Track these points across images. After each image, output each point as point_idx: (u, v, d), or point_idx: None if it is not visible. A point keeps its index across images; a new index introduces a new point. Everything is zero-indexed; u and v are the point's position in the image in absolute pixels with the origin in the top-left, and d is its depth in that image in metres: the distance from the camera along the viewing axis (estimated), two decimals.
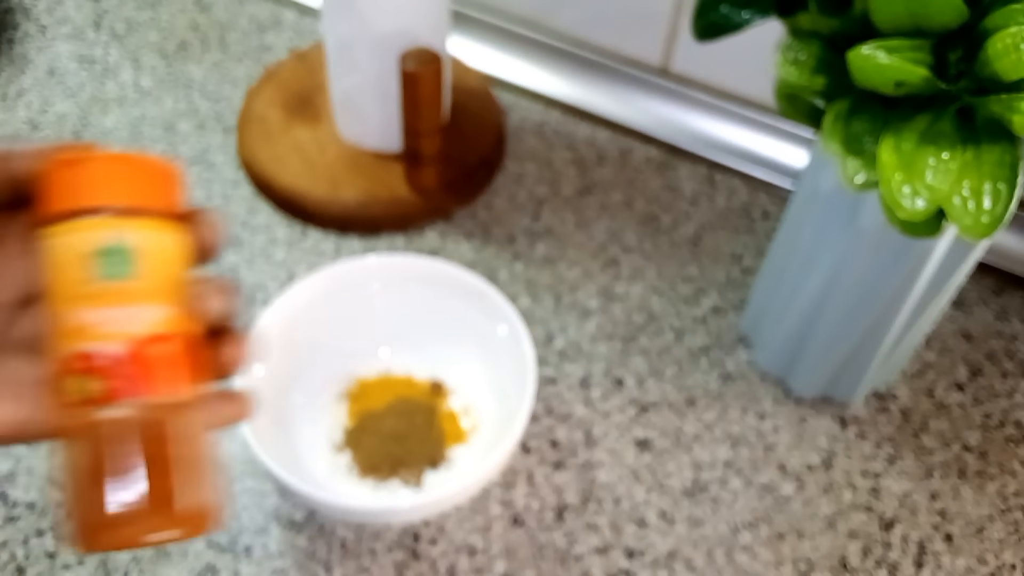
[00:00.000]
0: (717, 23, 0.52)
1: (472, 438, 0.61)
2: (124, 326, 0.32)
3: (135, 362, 0.32)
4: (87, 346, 0.32)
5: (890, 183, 0.43)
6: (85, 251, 0.32)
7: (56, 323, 0.32)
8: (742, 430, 0.64)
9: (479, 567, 0.57)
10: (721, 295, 0.71)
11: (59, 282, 0.32)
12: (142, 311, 0.32)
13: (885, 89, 0.43)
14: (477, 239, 0.73)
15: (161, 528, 0.32)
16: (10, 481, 0.58)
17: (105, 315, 0.32)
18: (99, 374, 0.32)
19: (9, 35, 0.85)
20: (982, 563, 0.59)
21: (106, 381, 0.32)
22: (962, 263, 0.53)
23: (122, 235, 0.32)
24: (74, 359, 0.32)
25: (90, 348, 0.32)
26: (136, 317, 0.32)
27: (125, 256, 0.32)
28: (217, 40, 0.86)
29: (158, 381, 0.33)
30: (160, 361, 0.33)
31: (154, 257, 0.33)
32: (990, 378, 0.67)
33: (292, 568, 0.56)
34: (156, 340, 0.33)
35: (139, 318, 0.32)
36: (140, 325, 0.32)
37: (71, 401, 0.32)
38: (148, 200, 0.33)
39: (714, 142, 0.81)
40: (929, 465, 0.63)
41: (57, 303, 0.32)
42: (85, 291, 0.32)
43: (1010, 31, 0.39)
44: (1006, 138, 0.43)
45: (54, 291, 0.32)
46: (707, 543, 0.58)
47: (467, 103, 0.79)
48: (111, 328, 0.32)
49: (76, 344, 0.32)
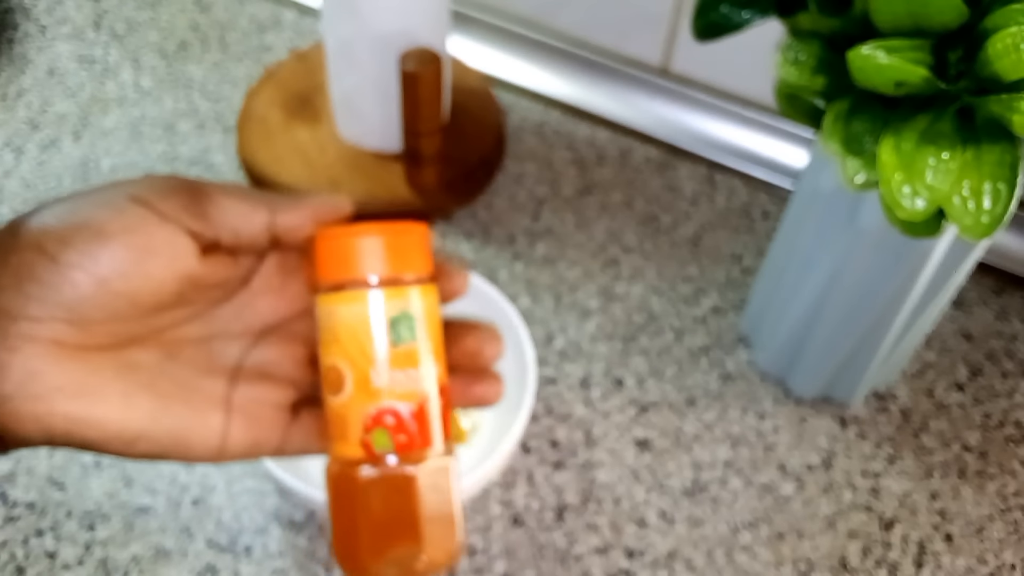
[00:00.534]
0: (717, 23, 0.52)
1: (472, 438, 0.61)
2: (415, 386, 0.36)
3: (423, 418, 0.36)
4: (386, 404, 0.36)
5: (890, 183, 0.44)
6: (387, 316, 0.35)
7: (352, 381, 0.36)
8: (742, 430, 0.64)
9: (479, 567, 0.57)
10: (721, 295, 0.71)
11: (355, 343, 0.36)
12: (427, 371, 0.36)
13: (885, 89, 0.43)
14: (477, 239, 0.73)
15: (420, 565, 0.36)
16: (10, 481, 0.59)
17: (399, 376, 0.36)
18: (398, 430, 0.36)
19: (9, 35, 0.85)
20: (982, 563, 0.59)
21: (403, 436, 0.36)
22: (962, 263, 0.53)
23: (409, 303, 0.36)
24: (376, 417, 0.35)
25: (389, 406, 0.36)
26: (423, 376, 0.36)
27: (415, 323, 0.36)
28: (217, 40, 0.87)
29: (439, 432, 0.37)
30: (441, 413, 0.37)
31: (429, 319, 0.37)
32: (990, 378, 0.68)
33: (292, 568, 0.56)
34: (439, 394, 0.37)
35: (425, 377, 0.36)
36: (427, 383, 0.36)
37: (373, 455, 0.36)
38: (421, 268, 0.37)
39: (714, 142, 0.81)
40: (929, 465, 0.63)
41: (353, 362, 0.36)
42: (383, 354, 0.35)
43: (1010, 31, 0.39)
44: (1006, 138, 0.43)
45: (348, 351, 0.36)
46: (707, 543, 0.59)
47: (467, 103, 0.79)
48: (405, 388, 0.36)
49: (376, 403, 0.35)
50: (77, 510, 0.58)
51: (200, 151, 0.78)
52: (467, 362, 0.39)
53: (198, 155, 0.77)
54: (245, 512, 0.58)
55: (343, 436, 0.36)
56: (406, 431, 0.36)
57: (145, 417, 0.34)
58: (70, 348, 0.33)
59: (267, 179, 0.73)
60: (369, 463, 0.36)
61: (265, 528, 0.58)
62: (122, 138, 0.78)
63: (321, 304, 0.37)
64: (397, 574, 0.37)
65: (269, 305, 0.39)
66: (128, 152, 0.77)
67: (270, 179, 0.73)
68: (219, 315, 0.38)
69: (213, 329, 0.38)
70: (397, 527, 0.36)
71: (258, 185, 0.74)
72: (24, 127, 0.78)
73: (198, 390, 0.36)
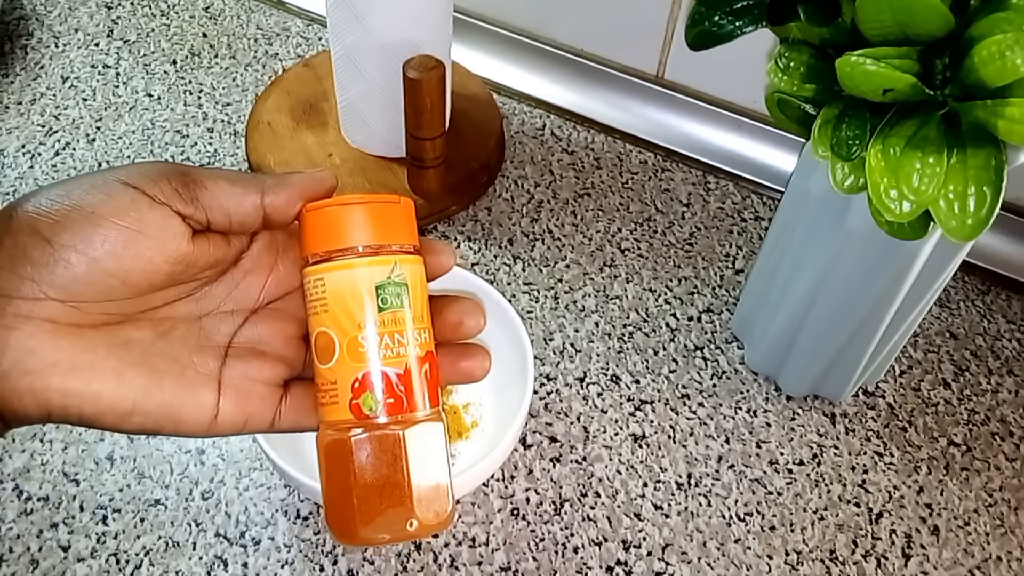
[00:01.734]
0: (710, 32, 0.53)
1: (473, 433, 0.62)
2: (400, 350, 0.37)
3: (409, 382, 0.37)
4: (374, 367, 0.36)
5: (878, 187, 0.44)
6: (372, 283, 0.36)
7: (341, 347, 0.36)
8: (735, 426, 0.65)
9: (480, 558, 0.57)
10: (714, 295, 0.72)
11: (344, 309, 0.36)
12: (411, 337, 0.37)
13: (873, 96, 0.44)
14: (478, 241, 0.74)
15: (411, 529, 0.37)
16: (25, 476, 0.59)
17: (386, 340, 0.36)
18: (387, 393, 0.36)
19: (23, 42, 0.86)
20: (968, 555, 0.59)
21: (390, 398, 0.36)
22: (948, 264, 0.54)
23: (400, 270, 0.37)
24: (363, 381, 0.36)
25: (377, 369, 0.36)
26: (409, 341, 0.37)
27: (402, 289, 0.37)
28: (226, 48, 0.87)
29: (430, 393, 0.37)
30: (427, 377, 0.37)
31: (414, 288, 0.37)
32: (975, 375, 0.68)
33: (299, 560, 0.57)
34: (424, 360, 0.37)
35: (412, 342, 0.37)
36: (413, 348, 0.37)
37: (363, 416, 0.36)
38: (409, 238, 0.38)
39: (707, 147, 0.82)
40: (916, 460, 0.64)
41: (341, 328, 0.36)
42: (371, 319, 0.36)
43: (995, 39, 0.40)
44: (991, 143, 0.44)
45: (337, 318, 0.37)
46: (701, 535, 0.59)
47: (469, 109, 0.80)
48: (393, 352, 0.36)
49: (364, 366, 0.36)
50: (90, 504, 0.58)
51: (209, 155, 0.78)
52: (450, 335, 0.39)
53: (207, 160, 0.78)
54: (253, 505, 0.59)
55: (334, 401, 0.37)
56: (393, 394, 0.36)
57: (138, 392, 0.35)
58: (64, 326, 0.33)
59: None
60: (359, 425, 0.36)
61: (273, 521, 0.58)
62: (133, 142, 0.79)
63: (309, 276, 0.37)
64: (389, 539, 0.37)
65: (259, 284, 0.40)
66: (140, 156, 0.78)
67: None
68: (210, 294, 0.39)
69: (204, 308, 0.39)
70: (387, 489, 0.36)
71: None
72: (38, 132, 0.79)
73: (190, 367, 0.37)
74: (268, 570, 0.56)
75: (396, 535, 0.36)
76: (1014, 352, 0.70)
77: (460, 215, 0.76)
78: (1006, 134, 0.42)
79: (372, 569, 0.56)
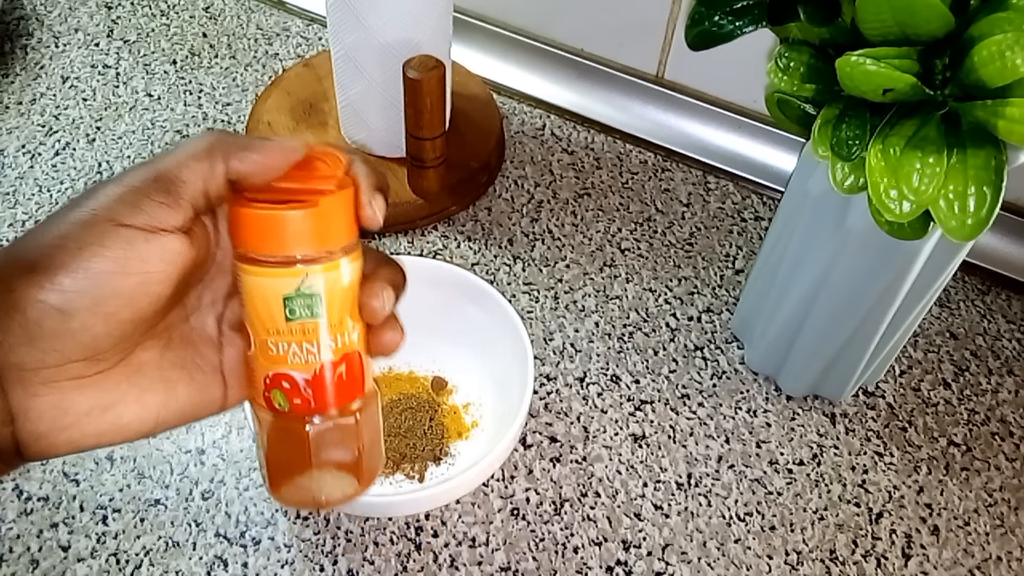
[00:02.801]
0: (710, 33, 0.53)
1: (473, 434, 0.62)
2: (310, 358, 0.37)
3: (319, 386, 0.37)
4: (282, 370, 0.37)
5: (878, 187, 0.44)
6: (279, 294, 0.36)
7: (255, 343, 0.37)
8: (735, 426, 0.65)
9: (480, 558, 0.57)
10: (714, 295, 0.72)
11: (256, 312, 0.36)
12: (325, 344, 0.37)
13: (873, 96, 0.44)
14: (478, 240, 0.74)
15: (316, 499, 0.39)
16: (25, 476, 0.59)
17: (294, 348, 0.36)
18: (293, 394, 0.37)
19: (24, 42, 0.86)
20: (968, 555, 0.59)
21: (297, 399, 0.37)
22: (948, 264, 0.54)
23: (310, 282, 0.36)
24: (272, 379, 0.37)
25: (285, 372, 0.37)
26: (320, 348, 0.37)
27: (312, 300, 0.36)
28: (226, 48, 0.87)
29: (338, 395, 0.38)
30: (339, 379, 0.37)
31: (335, 294, 0.36)
32: (975, 375, 0.68)
33: (298, 560, 0.57)
34: (336, 364, 0.37)
35: (323, 349, 0.37)
36: (324, 355, 0.37)
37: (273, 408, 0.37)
38: (333, 243, 0.36)
39: (708, 147, 0.82)
40: (916, 460, 0.64)
41: (254, 328, 0.37)
42: (279, 327, 0.36)
43: (995, 39, 0.40)
44: (990, 143, 0.44)
45: (251, 316, 0.37)
46: (701, 535, 0.59)
47: (469, 109, 0.80)
48: (300, 360, 0.36)
49: (273, 368, 0.37)
50: (90, 504, 0.58)
51: None
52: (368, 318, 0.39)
53: None
54: (253, 505, 0.59)
55: (251, 384, 0.38)
56: (301, 396, 0.37)
57: (159, 408, 0.36)
58: (89, 377, 0.34)
59: None
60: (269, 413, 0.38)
61: (273, 521, 0.58)
62: (133, 142, 0.79)
63: (234, 263, 0.37)
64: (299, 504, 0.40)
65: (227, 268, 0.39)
66: (140, 156, 0.78)
67: None
68: (192, 294, 0.39)
69: (190, 308, 0.39)
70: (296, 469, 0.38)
71: None
72: (38, 132, 0.79)
73: (195, 368, 0.38)
74: (268, 570, 0.56)
75: (305, 504, 0.39)
76: (1014, 352, 0.70)
77: (460, 215, 0.76)
78: (1006, 134, 0.42)
79: (372, 569, 0.56)
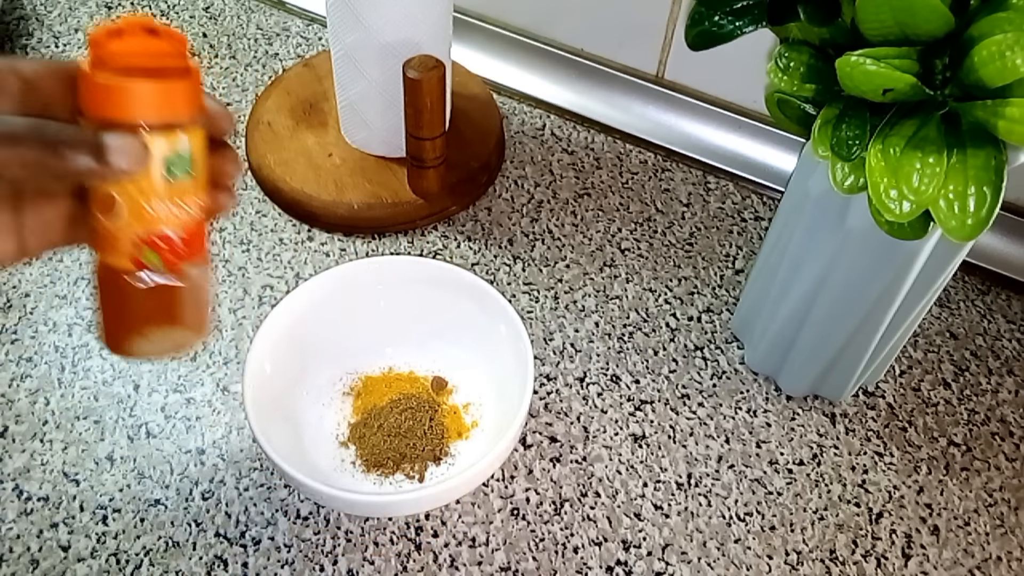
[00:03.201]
0: (710, 33, 0.53)
1: (473, 434, 0.62)
2: (186, 214, 0.41)
3: (189, 240, 0.41)
4: (159, 230, 0.40)
5: (878, 187, 0.44)
6: (160, 157, 0.39)
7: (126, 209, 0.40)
8: (734, 426, 0.65)
9: (480, 558, 0.58)
10: (714, 295, 0.72)
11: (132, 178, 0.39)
12: (196, 199, 0.41)
13: (873, 96, 0.44)
14: (478, 240, 0.74)
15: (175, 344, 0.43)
16: (25, 476, 0.59)
17: (171, 207, 0.40)
18: (165, 250, 0.41)
19: (23, 42, 0.86)
20: (968, 555, 0.59)
21: (168, 254, 0.41)
22: (947, 264, 0.54)
23: (186, 144, 0.40)
24: (146, 239, 0.40)
25: (161, 231, 0.40)
26: (190, 206, 0.41)
27: (187, 161, 0.40)
28: (226, 48, 0.87)
29: (197, 248, 0.42)
30: (201, 235, 0.42)
31: (201, 155, 0.41)
32: (975, 375, 0.68)
33: (299, 559, 0.57)
34: (200, 222, 0.42)
35: (192, 206, 0.41)
36: (193, 211, 0.41)
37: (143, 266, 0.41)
38: (195, 109, 0.40)
39: (708, 147, 0.82)
40: (916, 460, 0.64)
41: (127, 193, 0.39)
42: (156, 189, 0.39)
43: (995, 39, 0.40)
44: (990, 143, 0.44)
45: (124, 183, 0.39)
46: (701, 535, 0.59)
47: (469, 109, 0.80)
48: (175, 217, 0.40)
49: (148, 228, 0.40)
50: (90, 504, 0.58)
51: None
52: (213, 179, 0.42)
53: None
54: (253, 505, 0.59)
55: (114, 250, 0.41)
56: (174, 250, 0.41)
57: None
58: None
59: (275, 182, 0.74)
60: (140, 272, 0.41)
61: (273, 520, 0.58)
62: None
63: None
64: (159, 351, 0.44)
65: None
66: None
67: (278, 182, 0.74)
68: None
69: None
70: (162, 321, 0.42)
71: (266, 189, 0.76)
72: None
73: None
74: (268, 570, 0.56)
75: (162, 352, 0.44)
76: (1014, 352, 0.70)
77: (460, 215, 0.76)
78: (1006, 134, 0.42)
79: (372, 569, 0.57)
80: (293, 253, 0.73)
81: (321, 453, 0.60)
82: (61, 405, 0.63)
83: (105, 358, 0.65)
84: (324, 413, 0.62)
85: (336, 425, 0.62)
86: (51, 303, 0.68)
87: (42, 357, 0.65)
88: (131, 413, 0.63)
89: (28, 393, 0.63)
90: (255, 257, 0.72)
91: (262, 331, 0.58)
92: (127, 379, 0.64)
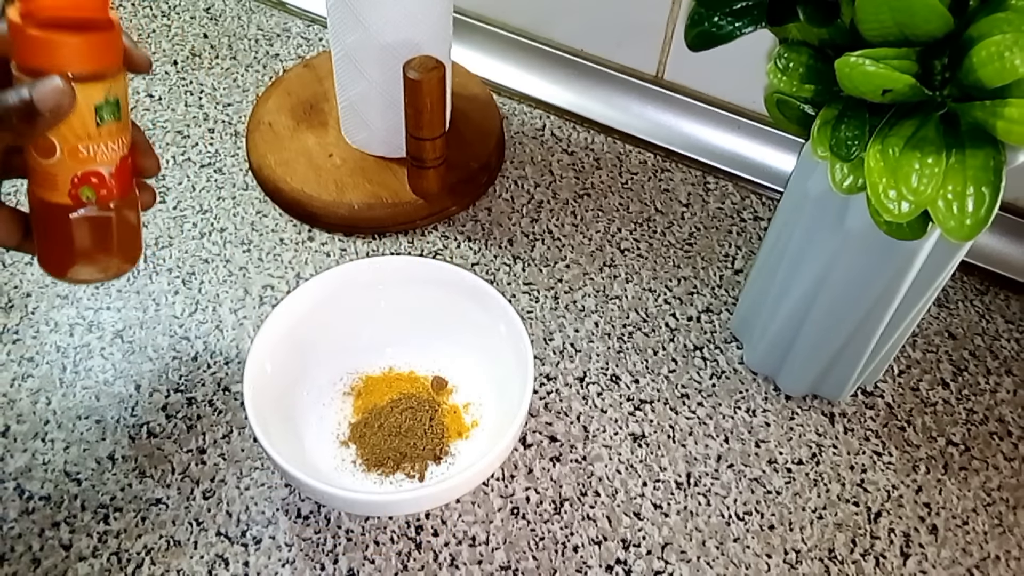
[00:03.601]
0: (709, 33, 0.53)
1: (473, 433, 0.62)
2: (115, 153, 0.47)
3: (119, 176, 0.47)
4: (93, 168, 0.46)
5: (877, 187, 0.44)
6: (91, 103, 0.44)
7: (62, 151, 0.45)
8: (734, 425, 0.65)
9: (480, 557, 0.58)
10: (714, 295, 0.72)
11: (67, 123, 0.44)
12: (123, 139, 0.47)
13: (872, 96, 0.44)
14: (478, 241, 0.74)
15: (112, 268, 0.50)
16: (26, 475, 0.59)
17: (102, 148, 0.46)
18: (100, 186, 0.47)
19: None
20: (966, 555, 0.59)
21: (103, 190, 0.47)
22: (946, 264, 0.54)
23: (115, 91, 0.45)
24: (82, 177, 0.46)
25: (95, 169, 0.46)
26: (121, 144, 0.47)
27: (116, 106, 0.46)
28: (227, 49, 0.88)
29: (125, 183, 0.48)
30: (129, 171, 0.49)
31: (124, 99, 0.46)
32: (974, 375, 0.69)
33: (299, 559, 0.57)
34: (126, 159, 0.48)
35: (122, 144, 0.47)
36: (123, 151, 0.47)
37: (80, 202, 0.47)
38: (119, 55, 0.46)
39: (707, 147, 0.82)
40: (914, 459, 0.64)
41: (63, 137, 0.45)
42: (89, 132, 0.45)
43: (994, 39, 0.40)
44: (989, 143, 0.44)
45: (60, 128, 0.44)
46: (700, 534, 0.59)
47: (469, 109, 0.80)
48: (106, 156, 0.46)
49: (83, 167, 0.46)
50: (92, 503, 0.58)
51: (210, 156, 0.79)
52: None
53: (208, 159, 0.78)
54: (254, 504, 0.59)
55: (53, 188, 0.46)
56: (106, 186, 0.47)
57: None
58: None
59: (275, 183, 0.75)
60: (77, 207, 0.47)
61: (274, 520, 0.58)
62: None
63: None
64: (94, 276, 0.50)
65: None
66: None
67: (278, 183, 0.74)
68: None
69: None
70: (98, 249, 0.48)
71: (267, 189, 0.76)
72: None
73: None
74: (269, 569, 0.56)
75: (99, 278, 0.50)
76: (1012, 352, 0.70)
77: (460, 215, 0.76)
78: (1005, 134, 0.42)
79: (372, 568, 0.57)
80: (294, 253, 0.73)
81: (322, 452, 0.60)
82: (63, 405, 0.63)
83: (106, 358, 0.65)
84: (325, 413, 0.62)
85: (337, 425, 0.62)
86: (52, 303, 0.68)
87: (43, 357, 0.65)
88: (132, 412, 0.63)
89: (30, 393, 0.63)
90: (256, 257, 0.72)
91: (263, 331, 0.58)
92: (128, 379, 0.64)
